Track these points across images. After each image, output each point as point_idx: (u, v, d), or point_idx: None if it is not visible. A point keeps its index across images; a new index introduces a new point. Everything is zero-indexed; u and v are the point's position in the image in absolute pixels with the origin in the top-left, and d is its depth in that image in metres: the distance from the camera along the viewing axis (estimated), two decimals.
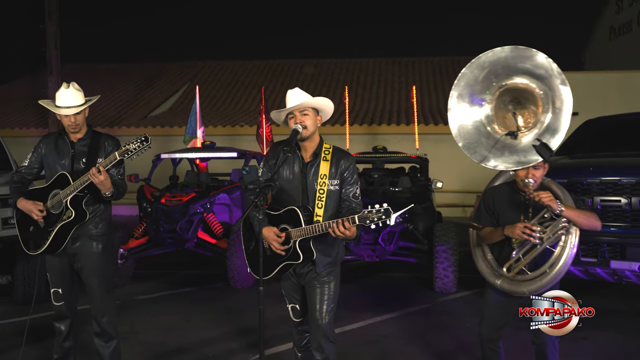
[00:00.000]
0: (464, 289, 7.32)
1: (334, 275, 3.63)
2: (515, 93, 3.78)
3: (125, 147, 3.92)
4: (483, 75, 3.79)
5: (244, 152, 9.15)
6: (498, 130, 3.80)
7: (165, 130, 18.12)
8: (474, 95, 3.80)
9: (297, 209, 3.44)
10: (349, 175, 3.57)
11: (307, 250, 3.45)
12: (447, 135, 17.11)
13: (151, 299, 7.15)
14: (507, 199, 3.74)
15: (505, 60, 3.73)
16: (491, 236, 3.73)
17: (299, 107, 3.50)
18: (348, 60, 24.86)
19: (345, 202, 3.56)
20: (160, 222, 7.45)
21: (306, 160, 3.58)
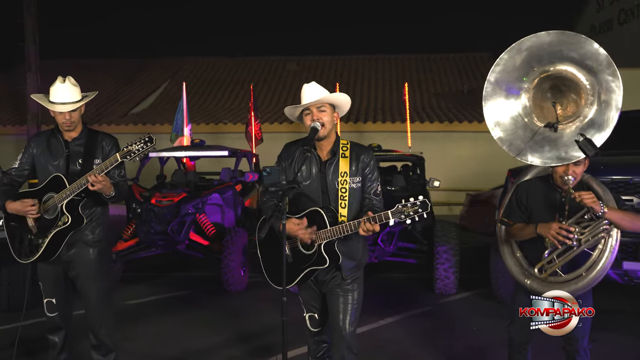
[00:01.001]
0: (464, 290, 7.17)
1: (358, 282, 3.44)
2: (556, 81, 3.49)
3: (128, 148, 3.67)
4: (522, 60, 3.48)
5: (235, 150, 8.90)
6: (536, 122, 3.52)
7: (147, 128, 17.74)
8: (510, 84, 3.52)
9: (320, 210, 3.23)
10: (370, 171, 3.39)
11: (333, 253, 3.25)
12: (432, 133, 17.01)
13: (142, 304, 6.87)
14: (542, 195, 3.51)
15: (549, 46, 3.41)
16: (522, 233, 3.50)
17: (316, 103, 3.29)
18: (331, 57, 24.67)
19: (365, 200, 3.37)
20: (151, 223, 7.16)
21: (323, 159, 3.37)
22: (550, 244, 3.38)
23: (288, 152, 3.44)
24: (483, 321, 5.97)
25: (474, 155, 16.43)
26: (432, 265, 6.95)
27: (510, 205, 3.66)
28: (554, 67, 3.44)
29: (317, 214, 3.23)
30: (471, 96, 20.59)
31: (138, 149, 3.67)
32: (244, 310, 6.55)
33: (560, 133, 3.44)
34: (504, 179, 6.57)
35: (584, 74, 3.36)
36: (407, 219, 3.02)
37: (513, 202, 3.63)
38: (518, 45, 3.48)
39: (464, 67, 23.47)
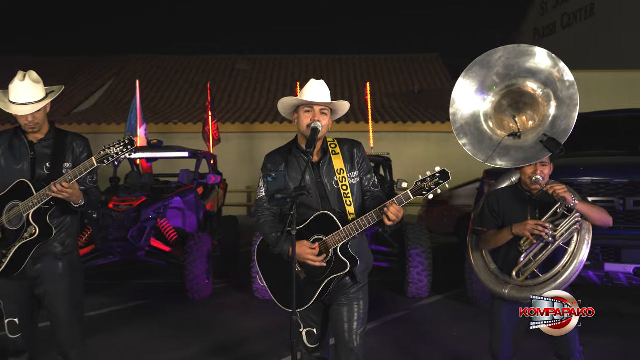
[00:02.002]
0: (436, 293, 7.06)
1: (363, 290, 3.24)
2: (515, 96, 3.68)
3: (105, 151, 3.33)
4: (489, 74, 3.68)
5: (195, 151, 8.53)
6: (498, 132, 3.67)
7: (92, 127, 17.04)
8: (482, 86, 3.68)
9: (328, 213, 3.01)
10: (365, 163, 3.25)
11: (349, 256, 3.03)
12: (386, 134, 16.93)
13: (101, 316, 6.43)
14: (512, 200, 3.57)
15: (507, 60, 3.62)
16: (497, 238, 3.51)
17: (324, 104, 3.11)
18: (282, 57, 24.39)
19: (367, 193, 3.22)
20: (109, 229, 6.74)
21: (315, 159, 3.17)
22: (526, 247, 3.41)
23: (274, 163, 3.21)
24: (461, 326, 5.86)
25: (427, 156, 16.50)
26: (404, 269, 6.81)
27: (482, 213, 3.67)
28: (512, 81, 3.63)
29: (325, 218, 3.01)
30: (422, 97, 20.76)
31: (117, 152, 3.33)
32: (210, 320, 6.23)
33: (524, 139, 3.59)
34: (457, 180, 6.52)
35: (538, 83, 3.57)
36: (429, 193, 2.88)
37: (485, 210, 3.65)
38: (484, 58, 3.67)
39: (414, 68, 23.65)
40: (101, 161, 3.35)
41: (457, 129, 3.72)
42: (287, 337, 3.09)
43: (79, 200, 3.44)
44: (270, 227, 3.12)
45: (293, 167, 3.14)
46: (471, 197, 11.88)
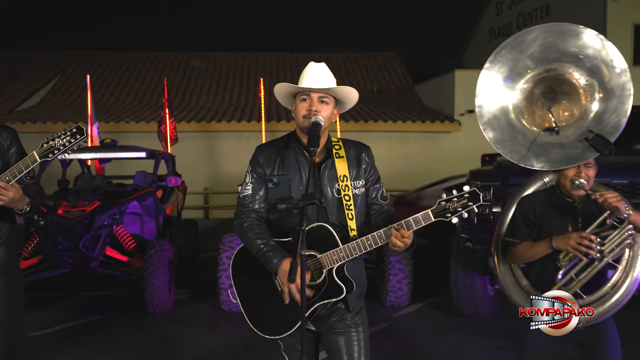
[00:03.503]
0: (415, 301, 6.65)
1: (362, 315, 2.73)
2: (551, 83, 3.22)
3: (49, 143, 2.78)
4: (521, 58, 3.19)
5: (153, 151, 7.89)
6: (531, 126, 3.22)
7: (38, 126, 16.02)
8: (512, 72, 3.20)
9: (327, 225, 2.48)
10: (374, 171, 2.73)
11: (345, 280, 2.51)
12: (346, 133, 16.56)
13: (48, 335, 5.72)
14: (550, 207, 3.06)
15: (545, 41, 3.15)
16: (532, 252, 3.02)
17: (322, 91, 2.57)
18: (237, 54, 23.73)
19: (373, 206, 2.70)
20: (58, 238, 6.05)
21: (316, 160, 2.63)
22: (566, 262, 2.93)
23: (267, 157, 2.65)
24: (449, 337, 5.46)
25: (388, 156, 16.17)
26: (383, 277, 6.36)
27: (514, 222, 3.17)
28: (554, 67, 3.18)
29: (322, 231, 2.47)
30: (382, 96, 20.47)
31: (63, 144, 2.80)
32: (174, 337, 5.65)
33: (563, 135, 3.14)
34: (419, 180, 6.15)
35: (581, 71, 3.13)
36: (453, 216, 2.38)
37: (517, 218, 3.14)
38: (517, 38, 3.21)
39: (373, 67, 23.36)
40: (45, 155, 2.83)
41: (484, 123, 3.26)
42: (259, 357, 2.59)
43: (22, 205, 2.87)
44: (255, 233, 2.57)
45: (290, 164, 2.60)
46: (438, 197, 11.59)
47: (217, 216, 16.34)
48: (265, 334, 2.61)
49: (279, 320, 2.56)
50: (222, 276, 6.04)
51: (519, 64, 3.20)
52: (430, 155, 16.92)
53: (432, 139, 17.27)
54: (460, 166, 13.43)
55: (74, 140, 2.84)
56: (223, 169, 16.35)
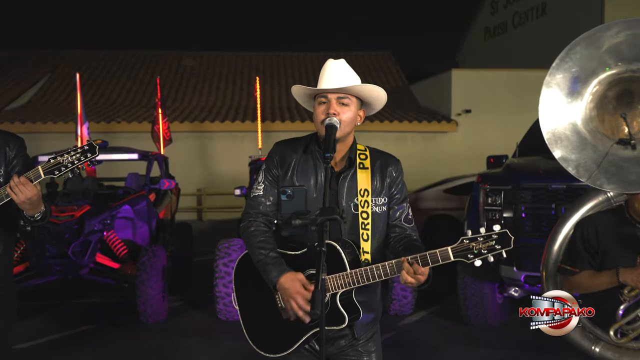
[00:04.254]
0: (418, 309, 6.38)
1: (375, 340, 2.47)
2: (630, 87, 2.83)
3: (58, 159, 2.53)
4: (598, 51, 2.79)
5: (146, 153, 7.60)
6: (602, 136, 2.81)
7: (27, 126, 15.63)
8: (577, 81, 2.77)
9: (336, 244, 2.21)
10: (398, 189, 2.43)
11: (351, 307, 2.25)
12: None
13: (35, 347, 5.42)
14: (617, 232, 2.71)
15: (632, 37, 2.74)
16: (594, 283, 2.70)
17: (339, 91, 2.28)
18: (231, 54, 23.42)
19: (395, 229, 2.41)
20: (46, 245, 5.75)
21: (336, 168, 2.37)
22: (631, 298, 2.61)
23: (283, 156, 2.38)
24: (458, 349, 5.23)
25: None
26: (386, 284, 6.11)
27: (573, 247, 2.84)
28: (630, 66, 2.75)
29: (331, 251, 2.21)
30: None
31: (72, 162, 2.55)
32: (168, 348, 5.38)
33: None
34: (417, 181, 5.91)
35: None
36: (476, 259, 2.08)
37: (577, 243, 2.80)
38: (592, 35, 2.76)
39: (368, 66, 23.11)
40: (51, 172, 2.57)
41: (549, 139, 2.87)
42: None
43: (37, 211, 2.63)
44: (259, 241, 2.31)
45: (307, 170, 2.33)
46: (438, 199, 11.35)
47: (210, 218, 16.03)
48: (262, 351, 2.36)
49: (277, 337, 2.32)
50: (218, 284, 5.76)
51: (593, 62, 2.80)
52: (428, 155, 16.69)
53: (429, 139, 17.04)
54: (458, 167, 13.22)
55: (84, 158, 2.58)
56: (217, 169, 16.05)
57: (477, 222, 5.26)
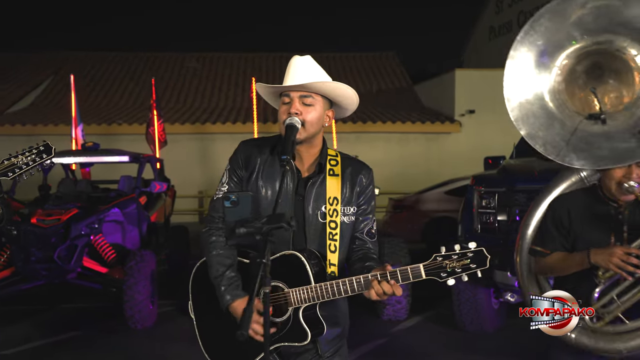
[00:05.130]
0: (413, 314, 6.22)
1: (342, 353, 2.34)
2: (599, 60, 2.68)
3: (11, 160, 2.44)
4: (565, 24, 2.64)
5: (137, 155, 7.49)
6: (572, 111, 2.67)
7: (28, 129, 15.62)
8: (549, 46, 2.64)
9: (300, 256, 2.08)
10: (366, 199, 2.27)
11: (315, 322, 2.11)
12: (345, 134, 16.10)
13: (21, 353, 5.32)
14: (589, 212, 2.58)
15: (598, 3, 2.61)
16: (565, 265, 2.56)
17: (299, 89, 2.14)
18: (234, 54, 23.33)
19: (356, 241, 2.26)
20: (32, 249, 5.64)
21: (304, 174, 2.23)
22: (605, 280, 2.47)
23: (248, 156, 2.24)
24: (452, 355, 5.07)
25: (388, 157, 15.77)
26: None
27: (544, 228, 2.70)
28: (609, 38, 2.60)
29: (295, 262, 2.08)
30: (381, 96, 20.05)
31: (27, 163, 2.45)
32: (157, 354, 5.27)
33: (611, 125, 2.58)
34: (419, 182, 5.75)
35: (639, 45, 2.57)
36: (449, 277, 1.95)
37: (548, 224, 2.66)
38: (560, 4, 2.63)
39: (371, 67, 22.95)
40: (4, 174, 2.46)
41: (516, 118, 2.75)
42: None
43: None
44: (219, 254, 2.18)
45: (272, 170, 2.19)
46: (439, 201, 11.17)
47: None
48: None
49: (234, 352, 2.17)
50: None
51: (559, 34, 2.66)
52: (431, 156, 16.52)
53: (432, 140, 16.86)
54: (461, 168, 13.02)
55: (39, 159, 2.49)
56: (218, 171, 15.90)
57: (471, 225, 5.11)
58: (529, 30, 2.70)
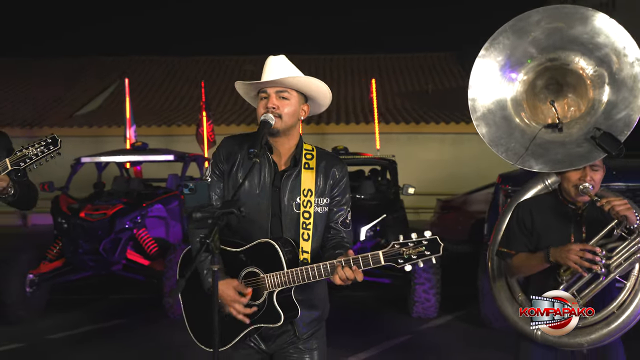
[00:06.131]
0: (444, 313, 6.26)
1: (318, 337, 2.48)
2: (555, 74, 2.85)
3: (22, 151, 2.68)
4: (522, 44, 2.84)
5: (182, 154, 7.84)
6: (532, 122, 2.84)
7: (94, 130, 16.47)
8: (511, 60, 2.84)
9: (274, 243, 2.25)
10: (340, 191, 2.43)
11: (289, 305, 2.28)
12: (397, 135, 16.17)
13: (68, 338, 5.72)
14: (551, 214, 2.73)
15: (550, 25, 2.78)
16: (528, 265, 2.70)
17: (275, 84, 2.32)
18: (291, 56, 23.63)
19: (330, 231, 2.43)
20: (79, 241, 6.06)
21: (280, 167, 2.40)
22: (567, 277, 2.58)
23: (229, 152, 2.42)
24: (478, 356, 5.08)
25: (441, 158, 15.69)
26: (409, 286, 6.03)
27: (509, 230, 2.84)
28: (559, 55, 2.80)
29: (269, 249, 2.26)
30: (436, 97, 19.93)
31: (36, 154, 2.69)
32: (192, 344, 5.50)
33: (567, 133, 2.77)
34: (472, 183, 5.75)
35: (590, 60, 2.75)
36: (406, 264, 2.10)
37: (513, 226, 2.81)
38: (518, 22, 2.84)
39: (428, 67, 22.84)
40: (16, 164, 2.70)
41: (477, 118, 2.91)
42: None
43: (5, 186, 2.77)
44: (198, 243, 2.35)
45: (250, 163, 2.33)
46: (487, 202, 11.06)
47: None
48: (202, 345, 2.42)
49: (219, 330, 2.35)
50: None
51: (518, 51, 2.84)
52: (484, 157, 16.25)
53: None
54: (514, 168, 12.81)
55: (47, 150, 2.73)
56: None
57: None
58: (489, 47, 2.87)
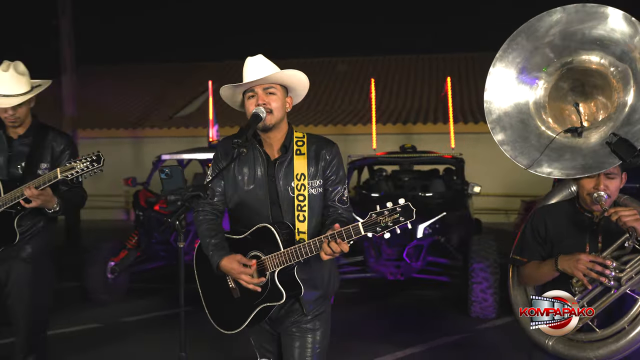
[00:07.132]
0: (505, 314, 6.09)
1: (322, 319, 2.62)
2: (579, 76, 2.72)
3: (71, 164, 3.03)
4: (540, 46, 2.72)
5: None
6: (552, 125, 2.71)
7: (190, 131, 17.42)
8: (525, 69, 2.71)
9: (270, 227, 2.44)
10: (333, 171, 2.58)
11: (291, 283, 2.45)
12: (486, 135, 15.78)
13: (139, 321, 6.19)
14: (566, 223, 2.61)
15: (567, 26, 2.65)
16: (537, 273, 2.61)
17: (262, 82, 2.48)
18: (376, 57, 23.75)
19: (329, 209, 2.57)
20: (153, 232, 6.53)
21: (272, 157, 2.57)
22: (580, 287, 2.46)
23: (226, 150, 2.61)
24: (517, 356, 4.96)
25: None
26: (467, 285, 5.97)
27: (523, 238, 2.74)
28: (576, 56, 2.65)
29: (266, 232, 2.44)
30: None
31: (81, 169, 3.06)
32: None
33: (586, 138, 2.61)
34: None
35: (610, 57, 2.58)
36: (384, 231, 2.22)
37: (527, 233, 2.72)
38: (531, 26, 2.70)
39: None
40: (64, 175, 3.09)
41: (492, 121, 2.79)
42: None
43: (51, 204, 3.15)
44: (206, 228, 2.59)
45: (246, 159, 2.56)
46: None
47: None
48: (221, 328, 2.65)
49: (231, 315, 2.58)
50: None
51: (537, 54, 2.72)
52: None
53: None
54: None
55: (91, 167, 3.08)
56: None
57: None
58: (506, 49, 2.76)
